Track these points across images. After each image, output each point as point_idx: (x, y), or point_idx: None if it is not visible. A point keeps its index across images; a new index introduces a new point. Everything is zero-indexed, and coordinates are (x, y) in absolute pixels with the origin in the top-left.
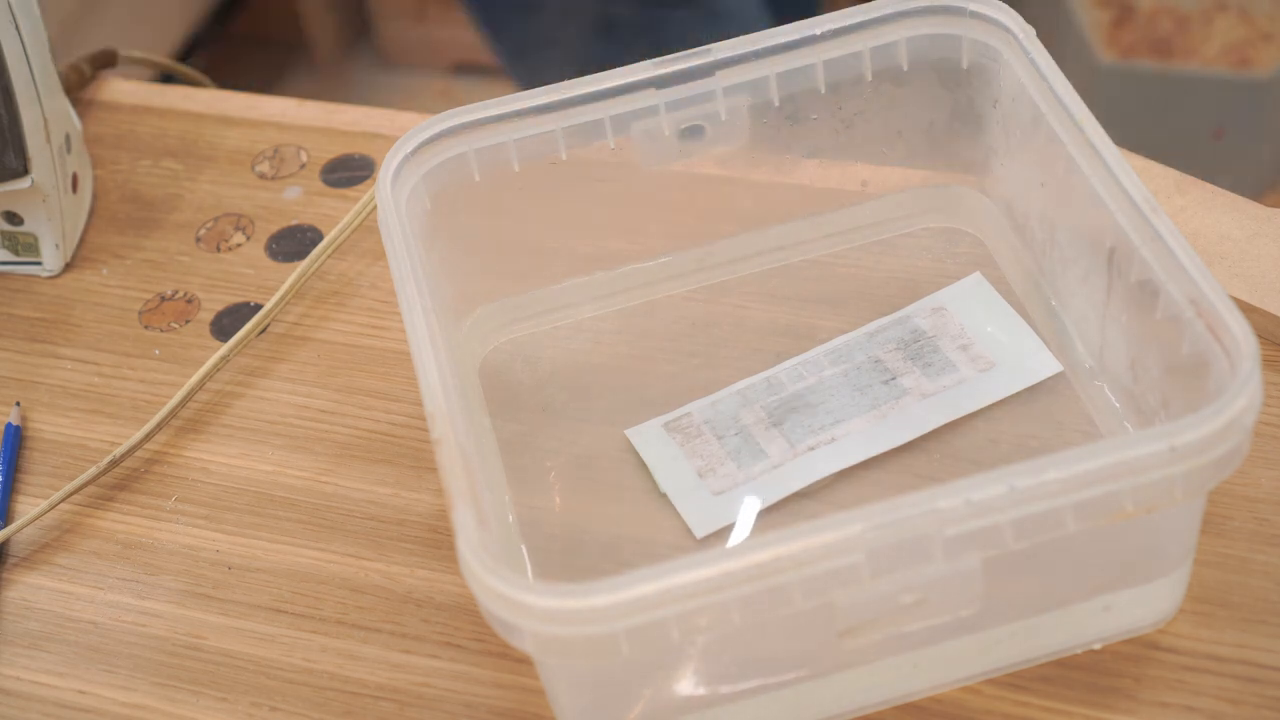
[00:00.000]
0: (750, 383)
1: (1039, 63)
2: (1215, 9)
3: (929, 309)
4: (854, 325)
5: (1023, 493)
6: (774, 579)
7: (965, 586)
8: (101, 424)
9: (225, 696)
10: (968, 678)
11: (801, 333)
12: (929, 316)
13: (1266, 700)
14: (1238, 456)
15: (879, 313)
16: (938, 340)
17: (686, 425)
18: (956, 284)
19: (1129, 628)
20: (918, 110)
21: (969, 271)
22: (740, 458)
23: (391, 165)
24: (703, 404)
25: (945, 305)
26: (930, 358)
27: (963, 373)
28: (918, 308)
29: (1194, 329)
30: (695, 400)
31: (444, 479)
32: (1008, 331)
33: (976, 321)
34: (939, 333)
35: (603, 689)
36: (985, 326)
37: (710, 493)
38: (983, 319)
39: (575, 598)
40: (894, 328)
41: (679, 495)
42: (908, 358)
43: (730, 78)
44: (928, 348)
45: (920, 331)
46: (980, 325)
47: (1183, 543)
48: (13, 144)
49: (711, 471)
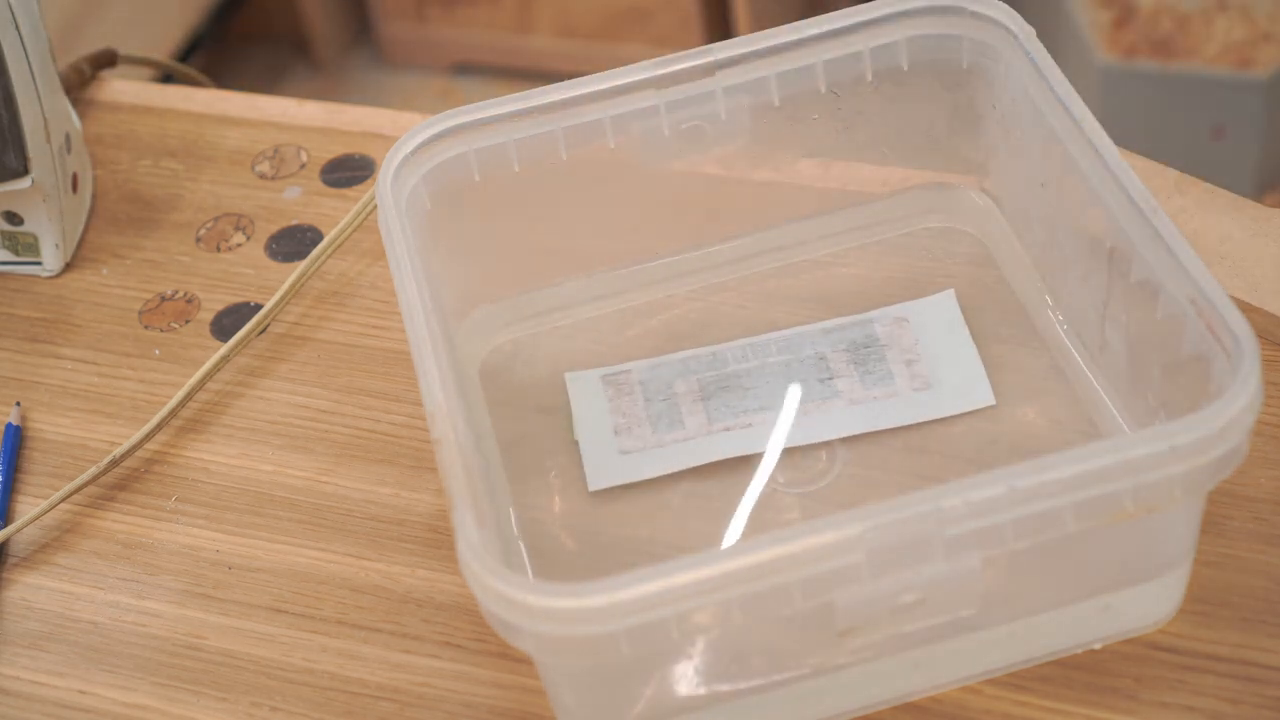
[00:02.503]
0: (697, 353)
1: (1039, 63)
2: (1215, 9)
3: (892, 317)
4: None
5: (1023, 493)
6: (774, 579)
7: (965, 586)
8: (101, 424)
9: (225, 696)
10: (968, 678)
11: None
12: (889, 325)
13: (1266, 700)
14: (1238, 456)
15: None
16: (886, 350)
17: (622, 381)
18: (926, 298)
19: (1129, 628)
20: (918, 110)
21: (969, 271)
22: (658, 423)
23: (391, 165)
24: (645, 364)
25: (908, 317)
26: (873, 365)
27: (897, 386)
28: (883, 314)
29: (1194, 329)
30: (641, 359)
31: (444, 479)
32: (956, 355)
33: (930, 339)
34: (891, 343)
35: (603, 689)
36: (936, 346)
37: (618, 450)
38: (937, 338)
39: (575, 598)
40: (852, 329)
41: (588, 445)
42: (852, 361)
43: (730, 78)
44: (874, 355)
45: (874, 338)
46: (932, 344)
47: (1182, 543)
48: (13, 144)
49: (627, 430)
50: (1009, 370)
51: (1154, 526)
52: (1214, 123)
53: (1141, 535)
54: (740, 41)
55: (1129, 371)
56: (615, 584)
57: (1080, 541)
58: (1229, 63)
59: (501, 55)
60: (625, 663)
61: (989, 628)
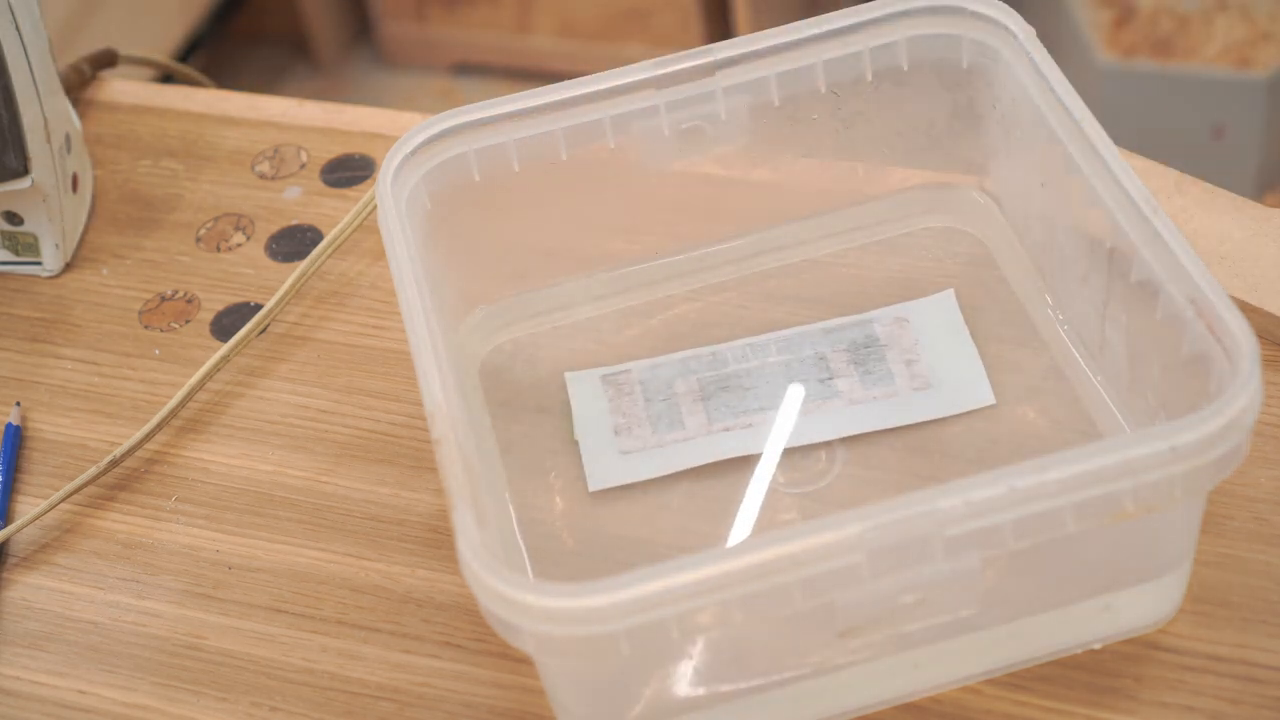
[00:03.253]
0: (697, 353)
1: (1039, 63)
2: (1215, 9)
3: (892, 317)
4: None
5: (1023, 493)
6: (774, 579)
7: (965, 586)
8: (101, 424)
9: (225, 696)
10: (967, 677)
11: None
12: (889, 325)
13: (1266, 700)
14: (1238, 456)
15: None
16: (886, 350)
17: (622, 381)
18: (926, 298)
19: (1129, 628)
20: (918, 110)
21: (969, 271)
22: (659, 424)
23: (391, 165)
24: (645, 364)
25: (908, 317)
26: (873, 366)
27: (897, 386)
28: (883, 314)
29: (1194, 329)
30: (641, 359)
31: (444, 479)
32: (956, 355)
33: (931, 339)
34: (891, 343)
35: (603, 689)
36: (937, 346)
37: (618, 451)
38: (937, 338)
39: (575, 598)
40: (852, 329)
41: (589, 446)
42: (852, 361)
43: (730, 78)
44: (874, 355)
45: (874, 338)
46: (933, 344)
47: (1182, 542)
48: (13, 144)
49: (627, 430)
50: (1009, 370)
51: (1154, 526)
52: (1214, 123)
53: (1142, 535)
54: (740, 41)
55: (1129, 371)
56: (615, 584)
57: (1080, 542)
58: (1229, 63)
59: (501, 55)
60: (626, 663)
61: (989, 628)
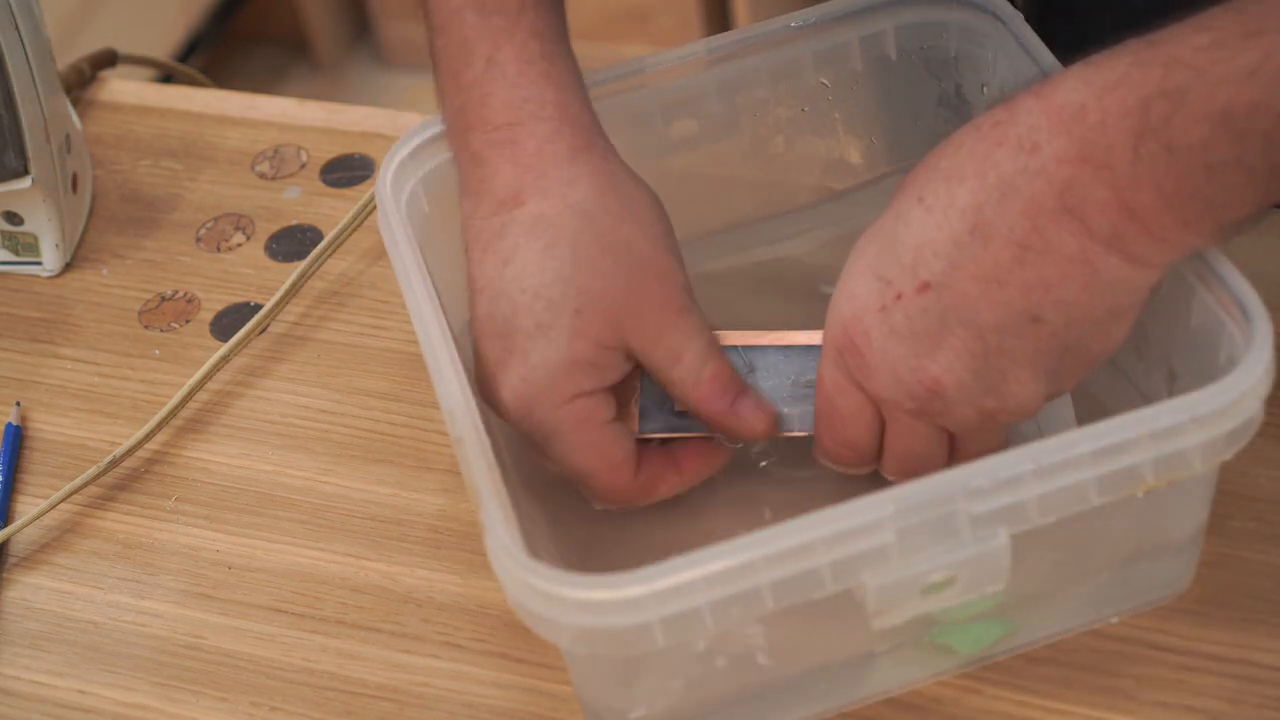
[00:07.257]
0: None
1: (1029, 46)
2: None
3: None
4: None
5: (1048, 469)
6: (805, 562)
7: (994, 564)
8: (101, 424)
9: (225, 696)
10: (986, 656)
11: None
12: None
13: (1266, 700)
14: (1254, 425)
15: None
16: None
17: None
18: None
19: (1144, 601)
20: (907, 98)
21: None
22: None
23: (391, 165)
24: None
25: None
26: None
27: None
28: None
29: (1203, 303)
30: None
31: (468, 477)
32: None
33: None
34: None
35: (635, 679)
36: None
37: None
38: None
39: (610, 589)
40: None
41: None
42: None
43: (722, 71)
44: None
45: None
46: None
47: (1198, 513)
48: (13, 144)
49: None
50: None
51: (1172, 497)
52: None
53: (1160, 507)
54: (730, 35)
55: (1135, 344)
56: (649, 574)
57: (1101, 515)
58: None
59: None
60: (659, 652)
61: (1011, 604)
